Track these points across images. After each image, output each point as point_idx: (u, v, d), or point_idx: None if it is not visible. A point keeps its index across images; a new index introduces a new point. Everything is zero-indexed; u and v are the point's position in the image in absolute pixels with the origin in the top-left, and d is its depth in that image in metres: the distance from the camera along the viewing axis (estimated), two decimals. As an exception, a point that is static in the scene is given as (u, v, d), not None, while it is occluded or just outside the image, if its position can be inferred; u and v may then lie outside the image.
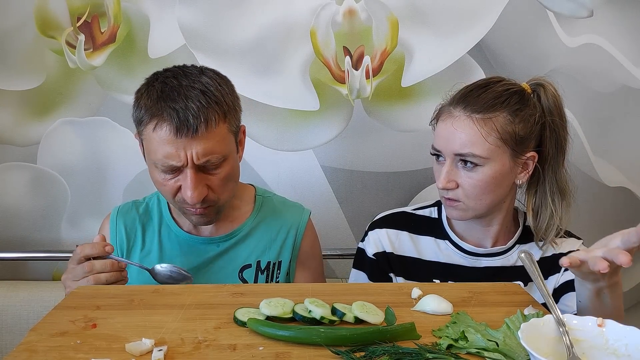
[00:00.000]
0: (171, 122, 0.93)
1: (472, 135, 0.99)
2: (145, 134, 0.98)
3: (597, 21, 1.50)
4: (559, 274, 1.10)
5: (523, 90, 1.04)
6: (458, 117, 1.01)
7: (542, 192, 1.07)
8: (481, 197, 1.02)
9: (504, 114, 1.00)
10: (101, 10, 1.47)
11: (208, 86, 0.97)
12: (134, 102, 1.01)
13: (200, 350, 0.67)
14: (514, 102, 1.01)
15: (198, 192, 0.97)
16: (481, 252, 1.10)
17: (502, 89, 1.02)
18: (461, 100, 1.03)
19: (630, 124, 1.57)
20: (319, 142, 1.54)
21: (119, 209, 1.16)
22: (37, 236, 1.57)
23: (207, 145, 0.95)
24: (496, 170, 1.00)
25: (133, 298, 0.82)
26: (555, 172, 1.06)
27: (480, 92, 1.02)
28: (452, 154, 1.01)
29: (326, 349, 0.67)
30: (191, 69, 1.01)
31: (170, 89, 0.96)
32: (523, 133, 1.01)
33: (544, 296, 0.75)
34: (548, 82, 1.06)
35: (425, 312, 0.79)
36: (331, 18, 1.47)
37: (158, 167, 0.98)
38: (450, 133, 1.01)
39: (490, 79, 1.06)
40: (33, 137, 1.53)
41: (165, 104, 0.94)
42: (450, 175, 1.02)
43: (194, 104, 0.94)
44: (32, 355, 0.65)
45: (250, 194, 1.20)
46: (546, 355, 0.59)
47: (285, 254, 1.15)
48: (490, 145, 0.99)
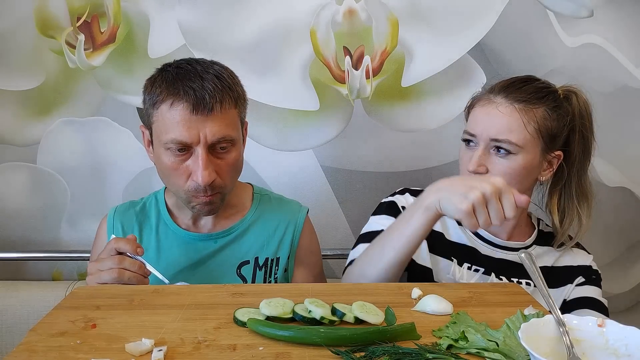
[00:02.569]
0: (188, 99, 0.97)
1: (513, 121, 1.01)
2: (158, 114, 1.00)
3: (597, 21, 1.50)
4: (571, 286, 1.11)
5: (557, 91, 1.08)
6: (500, 104, 1.03)
7: (567, 194, 1.10)
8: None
9: (543, 108, 1.03)
10: (101, 10, 1.47)
11: (221, 72, 1.02)
12: (145, 88, 1.04)
13: (200, 351, 0.67)
14: (552, 100, 1.05)
15: (209, 172, 0.99)
16: (499, 244, 1.11)
17: (542, 85, 1.07)
18: (503, 89, 1.05)
19: (630, 124, 1.57)
20: (319, 142, 1.54)
21: (116, 209, 1.17)
22: (37, 236, 1.57)
23: (220, 126, 0.99)
24: (527, 161, 1.03)
25: (133, 298, 0.82)
26: (580, 176, 1.09)
27: (522, 85, 1.06)
28: (487, 139, 1.03)
29: (326, 349, 0.67)
30: (201, 59, 1.05)
31: (185, 71, 1.00)
32: (557, 131, 1.04)
33: (544, 296, 0.75)
34: (580, 90, 1.10)
35: (425, 312, 0.79)
36: (331, 18, 1.47)
37: (170, 147, 0.99)
38: (490, 118, 1.03)
39: (529, 76, 1.10)
40: (33, 137, 1.53)
41: (182, 83, 0.98)
42: (482, 160, 1.04)
43: (209, 85, 0.98)
44: (32, 355, 0.65)
45: (248, 192, 1.21)
46: (546, 355, 0.59)
47: (283, 251, 1.16)
48: (528, 135, 1.01)
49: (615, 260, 1.63)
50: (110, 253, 0.95)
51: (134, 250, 0.94)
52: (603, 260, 1.62)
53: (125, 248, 0.94)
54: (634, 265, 1.64)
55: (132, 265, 0.93)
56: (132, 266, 0.93)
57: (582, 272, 1.13)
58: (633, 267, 1.64)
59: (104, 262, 0.94)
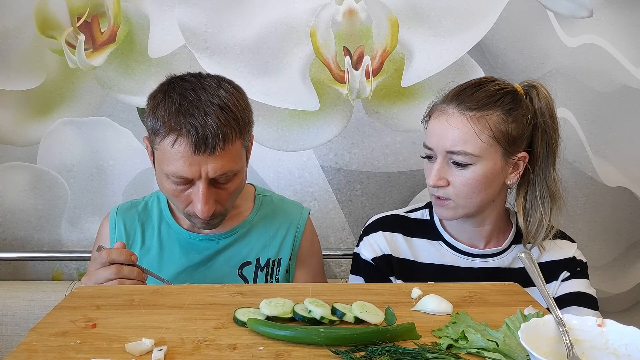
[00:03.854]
0: (190, 138, 0.93)
1: (465, 132, 0.99)
2: (160, 145, 0.97)
3: (597, 21, 1.50)
4: (556, 282, 1.10)
5: (516, 90, 1.04)
6: (452, 115, 1.01)
7: (532, 194, 1.07)
8: (472, 196, 1.02)
9: (497, 112, 1.00)
10: (101, 10, 1.47)
11: (227, 102, 0.97)
12: (149, 109, 1.00)
13: (200, 350, 0.67)
14: (508, 102, 1.01)
15: (209, 206, 0.98)
16: (476, 253, 1.10)
17: (495, 88, 1.03)
18: (454, 98, 1.02)
19: (630, 124, 1.57)
20: (319, 142, 1.54)
21: (118, 208, 1.17)
22: (37, 236, 1.57)
23: (222, 162, 0.97)
24: (487, 169, 1.00)
25: (133, 298, 0.82)
26: (545, 174, 1.06)
27: (474, 91, 1.02)
28: (443, 152, 1.01)
29: (326, 349, 0.67)
30: (208, 80, 1.00)
31: (189, 103, 0.95)
32: (515, 133, 1.01)
33: (544, 296, 0.75)
34: (540, 83, 1.05)
35: (425, 312, 0.79)
36: (331, 18, 1.47)
37: (170, 178, 0.98)
38: (442, 130, 1.01)
39: (484, 78, 1.06)
40: (33, 137, 1.53)
41: (184, 120, 0.94)
42: (441, 173, 1.02)
43: (213, 121, 0.94)
44: (32, 355, 0.65)
45: (250, 193, 1.20)
46: (546, 355, 0.59)
47: (284, 252, 1.16)
48: (483, 143, 0.99)
49: (614, 260, 1.63)
50: (103, 264, 0.93)
51: (128, 259, 0.93)
52: (603, 260, 1.62)
53: (120, 259, 0.93)
54: (634, 265, 1.64)
55: (131, 272, 0.92)
56: (131, 274, 0.92)
57: (566, 265, 1.11)
58: (632, 267, 1.64)
59: (97, 274, 0.92)
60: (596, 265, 1.60)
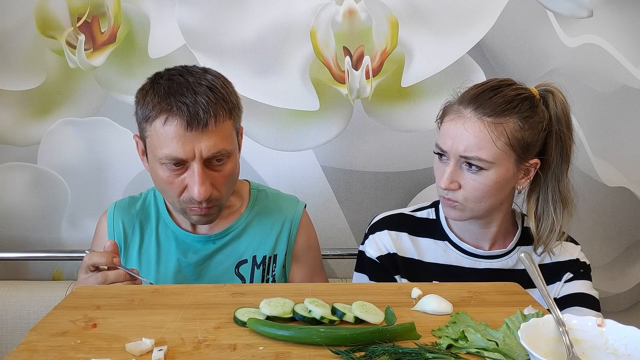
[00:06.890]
0: (182, 115, 0.95)
1: (482, 138, 0.98)
2: (152, 130, 0.98)
3: (597, 21, 1.50)
4: (559, 283, 1.10)
5: (533, 96, 1.03)
6: (469, 119, 1.00)
7: (544, 199, 1.07)
8: (482, 200, 1.02)
9: (514, 119, 0.99)
10: (101, 10, 1.47)
11: (214, 83, 0.99)
12: (138, 100, 1.01)
13: (200, 350, 0.67)
14: (525, 109, 1.00)
15: (205, 187, 0.98)
16: (481, 254, 1.10)
17: (513, 93, 1.01)
18: (472, 101, 1.01)
19: (630, 124, 1.57)
20: (319, 142, 1.54)
21: (116, 205, 1.17)
22: (37, 236, 1.57)
23: (215, 140, 0.97)
24: (500, 175, 1.00)
25: (133, 298, 0.82)
26: (558, 180, 1.05)
27: (492, 95, 1.01)
28: (457, 155, 1.00)
29: (326, 349, 0.67)
30: (194, 68, 1.03)
31: (177, 84, 0.97)
32: (530, 140, 1.00)
33: (544, 296, 0.75)
34: (557, 88, 1.05)
35: (425, 312, 0.79)
36: (331, 18, 1.47)
37: (165, 163, 0.98)
38: (458, 134, 1.00)
39: (502, 81, 1.04)
40: (33, 137, 1.53)
41: (174, 99, 0.95)
42: (454, 177, 1.01)
43: (202, 99, 0.95)
44: (32, 355, 0.65)
45: (245, 189, 1.20)
46: (546, 355, 0.59)
47: (280, 247, 1.16)
48: (498, 150, 0.98)
49: (614, 260, 1.63)
50: (87, 269, 0.93)
51: (110, 262, 0.93)
52: (603, 260, 1.62)
53: (101, 262, 0.93)
54: (634, 265, 1.64)
55: (118, 276, 0.93)
56: (118, 278, 0.93)
57: (569, 267, 1.11)
58: (632, 267, 1.64)
59: (87, 282, 0.93)
60: (596, 265, 1.60)
